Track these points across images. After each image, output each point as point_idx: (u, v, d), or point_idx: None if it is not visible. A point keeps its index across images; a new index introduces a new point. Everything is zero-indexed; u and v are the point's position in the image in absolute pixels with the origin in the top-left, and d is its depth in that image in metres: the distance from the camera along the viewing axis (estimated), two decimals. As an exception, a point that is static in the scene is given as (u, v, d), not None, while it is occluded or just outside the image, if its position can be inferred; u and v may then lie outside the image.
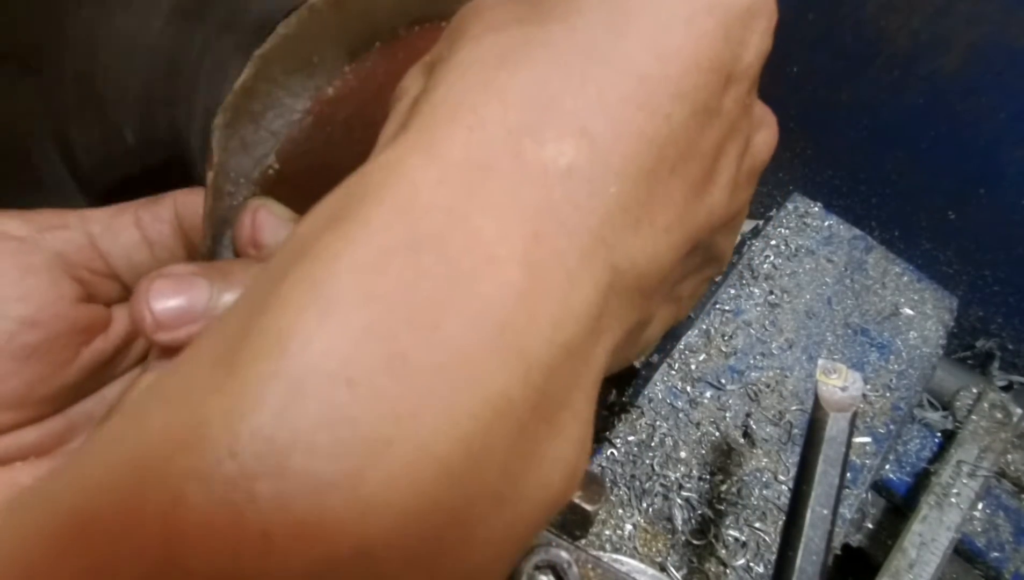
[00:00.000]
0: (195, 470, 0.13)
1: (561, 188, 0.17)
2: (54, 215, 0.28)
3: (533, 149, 0.17)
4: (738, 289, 0.58)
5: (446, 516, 0.15)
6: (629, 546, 0.46)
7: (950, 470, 0.52)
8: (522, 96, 0.18)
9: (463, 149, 0.17)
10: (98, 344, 0.29)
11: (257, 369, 0.14)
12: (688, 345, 0.54)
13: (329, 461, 0.13)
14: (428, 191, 0.17)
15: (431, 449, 0.14)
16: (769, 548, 0.47)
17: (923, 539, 0.48)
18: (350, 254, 0.15)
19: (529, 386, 0.16)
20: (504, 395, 0.15)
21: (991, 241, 0.64)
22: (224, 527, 0.13)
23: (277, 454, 0.13)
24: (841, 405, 0.35)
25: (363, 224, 0.16)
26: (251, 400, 0.14)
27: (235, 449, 0.13)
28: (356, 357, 0.14)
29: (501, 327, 0.16)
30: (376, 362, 0.14)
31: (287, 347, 0.14)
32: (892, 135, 0.66)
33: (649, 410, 0.51)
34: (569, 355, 0.17)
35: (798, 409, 0.52)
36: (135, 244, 0.30)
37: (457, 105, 0.18)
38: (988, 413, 0.55)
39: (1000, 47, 0.55)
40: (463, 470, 0.15)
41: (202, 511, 0.13)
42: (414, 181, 0.17)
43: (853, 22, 0.61)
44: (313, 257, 0.16)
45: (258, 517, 0.13)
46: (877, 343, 0.57)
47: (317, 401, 0.14)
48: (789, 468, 0.50)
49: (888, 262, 0.62)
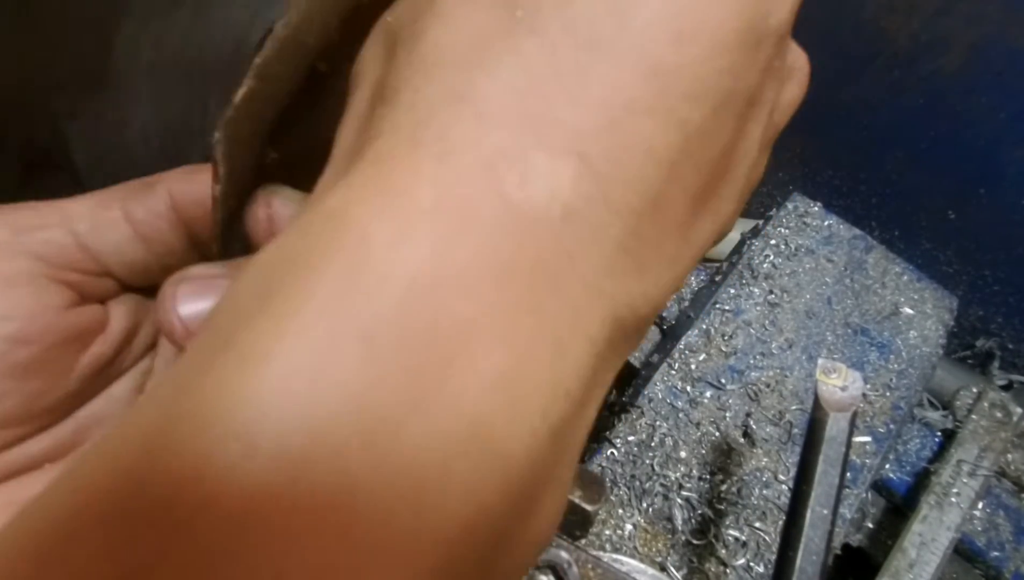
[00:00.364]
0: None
1: (552, 236, 0.14)
2: (32, 213, 0.26)
3: (517, 186, 0.14)
4: (738, 289, 0.58)
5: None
6: (629, 546, 0.46)
7: (950, 470, 0.52)
8: (503, 108, 0.15)
9: (430, 192, 0.14)
10: (96, 347, 0.27)
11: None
12: (688, 345, 0.54)
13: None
14: (384, 254, 0.13)
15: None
16: (769, 548, 0.47)
17: (923, 539, 0.48)
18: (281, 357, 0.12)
19: (509, 495, 0.13)
20: (479, 513, 0.13)
21: (991, 241, 0.64)
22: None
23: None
24: (841, 405, 0.35)
25: (299, 308, 0.13)
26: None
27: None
28: (282, 504, 0.12)
29: (476, 429, 0.13)
30: (312, 502, 0.12)
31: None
32: (892, 135, 0.66)
33: (649, 410, 0.51)
34: (555, 437, 0.14)
35: (798, 409, 0.52)
36: (127, 240, 0.27)
37: (422, 126, 0.15)
38: (988, 412, 0.55)
39: (1000, 47, 0.55)
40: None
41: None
42: (367, 239, 0.13)
43: (853, 22, 0.61)
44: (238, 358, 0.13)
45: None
46: (877, 343, 0.57)
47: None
48: (789, 468, 0.50)
49: (888, 262, 0.62)
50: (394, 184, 0.14)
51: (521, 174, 0.14)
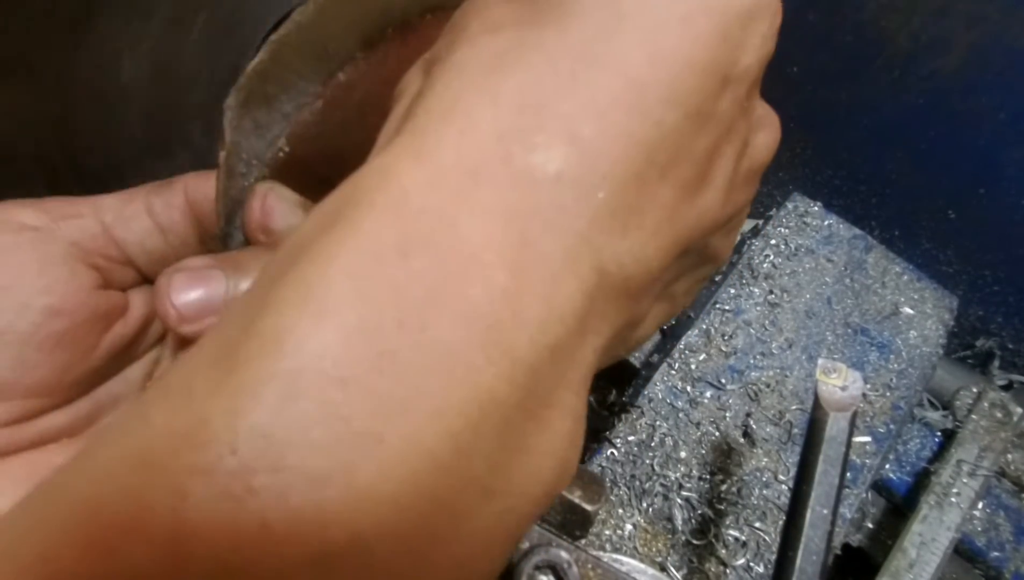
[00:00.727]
0: (198, 465, 0.14)
1: (549, 193, 0.18)
2: (67, 204, 0.29)
3: (522, 154, 0.18)
4: (738, 289, 0.58)
5: (437, 507, 0.15)
6: (629, 546, 0.46)
7: (950, 469, 0.52)
8: (513, 100, 0.18)
9: (453, 153, 0.18)
10: (118, 329, 0.30)
11: (255, 369, 0.15)
12: (688, 345, 0.54)
13: (324, 456, 0.14)
14: (418, 195, 0.17)
15: (421, 443, 0.15)
16: (769, 548, 0.47)
17: (923, 539, 0.48)
18: (342, 257, 0.16)
19: (514, 383, 0.16)
20: (490, 392, 0.16)
21: (991, 241, 0.64)
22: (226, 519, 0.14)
23: (275, 450, 0.14)
24: (841, 405, 0.35)
25: (355, 228, 0.17)
26: (249, 399, 0.14)
27: (235, 446, 0.14)
28: (348, 357, 0.15)
29: (487, 327, 0.16)
30: (367, 361, 0.15)
31: (283, 348, 0.15)
32: (892, 135, 0.66)
33: (649, 410, 0.51)
34: (554, 354, 0.17)
35: (798, 409, 0.52)
36: (148, 231, 0.30)
37: (450, 109, 0.19)
38: (988, 412, 0.55)
39: (1000, 47, 0.55)
40: (452, 463, 0.15)
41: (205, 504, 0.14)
42: (404, 185, 0.17)
43: (853, 22, 0.61)
44: (308, 261, 0.16)
45: (258, 509, 0.14)
46: (877, 342, 0.57)
47: (311, 399, 0.15)
48: (789, 468, 0.50)
49: (888, 262, 0.62)
50: (424, 149, 0.18)
51: (524, 146, 0.18)
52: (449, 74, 0.20)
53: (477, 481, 0.16)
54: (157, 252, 0.31)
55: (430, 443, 0.15)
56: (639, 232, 0.19)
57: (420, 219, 0.17)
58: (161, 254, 0.31)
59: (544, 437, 0.18)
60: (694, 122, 0.20)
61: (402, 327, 0.16)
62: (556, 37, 0.19)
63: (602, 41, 0.19)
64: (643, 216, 0.19)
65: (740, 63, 0.20)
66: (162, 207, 0.30)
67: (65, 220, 0.29)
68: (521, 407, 0.17)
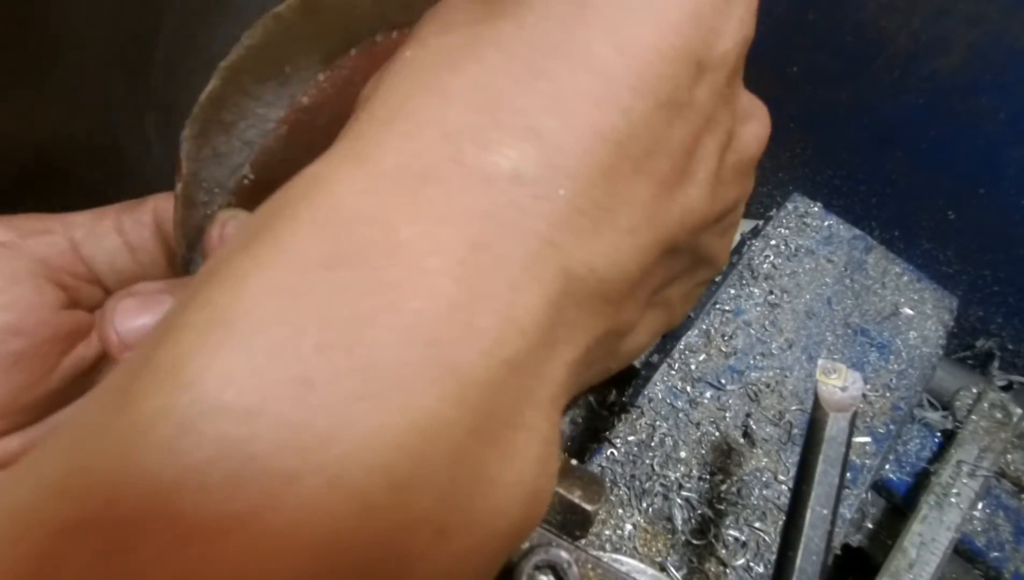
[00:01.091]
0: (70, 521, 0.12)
1: (504, 193, 0.16)
2: (37, 220, 0.28)
3: (474, 153, 0.16)
4: (738, 289, 0.58)
5: (373, 553, 0.13)
6: (629, 546, 0.46)
7: (950, 470, 0.52)
8: (465, 97, 0.17)
9: (395, 156, 0.16)
10: (80, 351, 0.29)
11: (147, 405, 0.13)
12: (688, 345, 0.54)
13: (221, 501, 0.12)
14: (352, 202, 0.16)
15: (345, 481, 0.13)
16: (769, 548, 0.47)
17: (923, 539, 0.48)
18: (256, 275, 0.14)
19: (464, 406, 0.14)
20: (434, 417, 0.14)
21: (991, 241, 0.64)
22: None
23: (161, 497, 0.12)
24: (841, 405, 0.35)
25: (275, 242, 0.15)
26: (137, 439, 0.13)
27: (114, 496, 0.12)
28: (256, 386, 0.13)
29: (429, 343, 0.14)
30: (280, 390, 0.13)
31: (179, 380, 0.13)
32: (892, 135, 0.66)
33: (649, 410, 0.51)
34: (514, 370, 0.16)
35: (798, 409, 0.52)
36: (117, 249, 0.29)
37: (395, 111, 0.17)
38: (988, 413, 0.55)
39: (1000, 47, 0.55)
40: (388, 501, 0.13)
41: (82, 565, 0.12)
42: (336, 193, 0.16)
43: (853, 22, 0.61)
44: (218, 281, 0.15)
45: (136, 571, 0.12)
46: (877, 343, 0.57)
47: (209, 436, 0.13)
48: (789, 468, 0.50)
49: (888, 262, 0.62)
50: (364, 153, 0.16)
51: (477, 144, 0.16)
52: (396, 76, 0.18)
53: (426, 520, 0.14)
54: (127, 271, 0.30)
55: (358, 481, 0.13)
56: (612, 232, 0.18)
57: (352, 228, 0.15)
58: (131, 273, 0.30)
59: (508, 465, 0.16)
60: (668, 112, 0.18)
61: (324, 349, 0.14)
62: (513, 30, 0.18)
63: (564, 31, 0.17)
64: (616, 214, 0.18)
65: (716, 48, 0.19)
66: (132, 225, 0.29)
67: (34, 236, 0.27)
68: (476, 432, 0.15)
